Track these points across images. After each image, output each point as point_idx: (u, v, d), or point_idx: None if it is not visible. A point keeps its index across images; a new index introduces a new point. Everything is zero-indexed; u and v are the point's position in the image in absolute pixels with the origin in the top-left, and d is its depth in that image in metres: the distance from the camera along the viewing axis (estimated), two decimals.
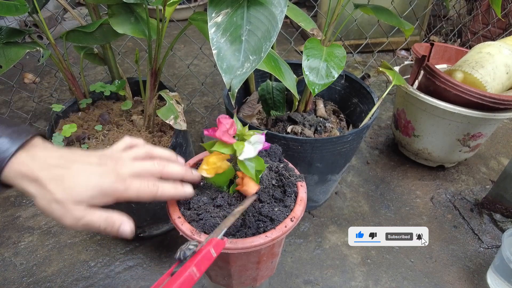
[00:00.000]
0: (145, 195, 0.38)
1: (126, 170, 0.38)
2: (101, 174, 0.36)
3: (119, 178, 0.37)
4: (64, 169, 0.35)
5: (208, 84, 1.50)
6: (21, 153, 0.34)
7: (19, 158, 0.34)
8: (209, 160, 0.43)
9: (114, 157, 0.40)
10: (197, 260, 0.32)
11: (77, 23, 0.76)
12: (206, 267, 0.33)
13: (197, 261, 0.32)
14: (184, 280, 0.30)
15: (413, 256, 0.81)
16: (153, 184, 0.39)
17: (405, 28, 0.76)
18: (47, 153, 0.36)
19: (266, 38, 0.42)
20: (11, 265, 0.77)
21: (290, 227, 0.44)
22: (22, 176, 0.34)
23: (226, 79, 0.41)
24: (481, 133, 0.92)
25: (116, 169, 0.38)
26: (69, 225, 0.35)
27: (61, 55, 0.71)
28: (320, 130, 0.81)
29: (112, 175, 0.37)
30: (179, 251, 0.33)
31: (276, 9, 0.43)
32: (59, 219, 0.34)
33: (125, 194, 0.37)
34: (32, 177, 0.34)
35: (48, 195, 0.34)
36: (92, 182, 0.35)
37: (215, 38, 0.42)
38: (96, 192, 0.35)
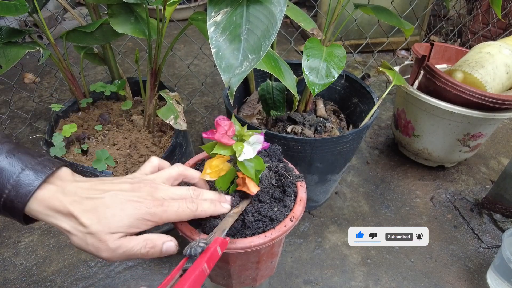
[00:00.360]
0: (185, 214, 0.37)
1: (161, 194, 0.37)
2: (136, 201, 0.35)
3: (156, 202, 0.35)
4: (97, 199, 0.33)
5: (208, 84, 1.50)
6: (47, 186, 0.33)
7: (46, 191, 0.32)
8: (212, 164, 0.43)
9: (147, 180, 0.38)
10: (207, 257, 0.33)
11: (77, 23, 0.76)
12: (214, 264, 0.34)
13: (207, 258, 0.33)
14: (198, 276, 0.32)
15: (413, 256, 0.81)
16: (191, 202, 0.38)
17: (405, 28, 0.76)
18: (78, 185, 0.34)
19: (265, 37, 0.42)
20: (11, 265, 0.77)
21: (289, 227, 0.44)
22: (53, 211, 0.32)
23: (225, 77, 0.41)
24: (481, 133, 0.92)
25: (151, 193, 0.36)
26: (107, 258, 0.33)
27: (61, 55, 0.71)
28: (320, 130, 0.81)
29: (148, 200, 0.35)
30: (189, 248, 0.33)
31: (276, 8, 0.43)
32: (95, 253, 0.33)
33: (164, 217, 0.36)
34: (64, 212, 0.32)
35: (82, 229, 0.32)
36: (129, 210, 0.34)
37: (214, 37, 0.42)
38: (133, 220, 0.34)
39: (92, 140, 0.74)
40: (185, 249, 0.34)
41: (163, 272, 0.76)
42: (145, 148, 0.73)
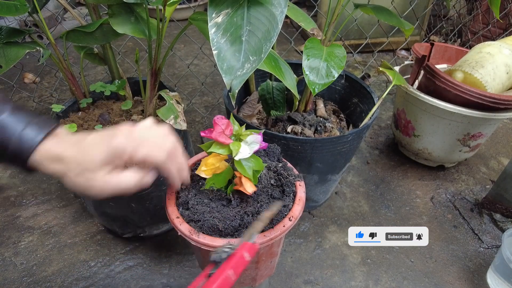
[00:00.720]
0: (153, 160, 0.39)
1: (138, 134, 0.39)
2: (112, 136, 0.38)
3: (130, 138, 0.38)
4: (82, 141, 0.37)
5: (208, 84, 1.50)
6: (48, 140, 0.37)
7: (47, 144, 0.36)
8: (207, 162, 0.44)
9: (129, 125, 0.41)
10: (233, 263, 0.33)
11: (77, 23, 0.76)
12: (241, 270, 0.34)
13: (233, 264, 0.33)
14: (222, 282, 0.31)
15: (413, 256, 0.81)
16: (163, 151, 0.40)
17: (405, 28, 0.76)
18: (72, 136, 0.39)
19: (266, 38, 0.42)
20: (11, 265, 0.77)
21: (288, 226, 0.44)
22: (50, 159, 0.36)
23: (227, 79, 0.41)
24: (481, 133, 0.92)
25: (130, 132, 0.39)
26: (98, 194, 0.37)
27: (61, 55, 0.71)
28: (320, 130, 0.81)
29: (123, 136, 0.38)
30: (214, 253, 0.34)
31: (276, 9, 0.43)
32: (87, 191, 0.37)
33: (134, 156, 0.38)
34: (59, 158, 0.36)
35: (72, 171, 0.36)
36: (104, 145, 0.37)
37: (216, 39, 0.42)
38: (107, 153, 0.36)
39: None
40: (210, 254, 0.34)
41: (163, 272, 0.76)
42: None
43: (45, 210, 0.91)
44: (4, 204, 0.92)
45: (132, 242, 0.82)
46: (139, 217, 0.74)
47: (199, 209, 0.44)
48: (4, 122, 0.35)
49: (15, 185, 0.98)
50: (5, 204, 0.92)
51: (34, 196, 0.95)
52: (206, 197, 0.46)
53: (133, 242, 0.82)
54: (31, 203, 0.93)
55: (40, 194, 0.96)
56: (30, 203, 0.93)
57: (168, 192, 0.48)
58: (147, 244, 0.82)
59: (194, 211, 0.44)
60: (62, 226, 0.86)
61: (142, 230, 0.79)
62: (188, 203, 0.45)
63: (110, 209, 0.73)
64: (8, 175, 1.01)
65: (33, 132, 0.36)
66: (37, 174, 1.01)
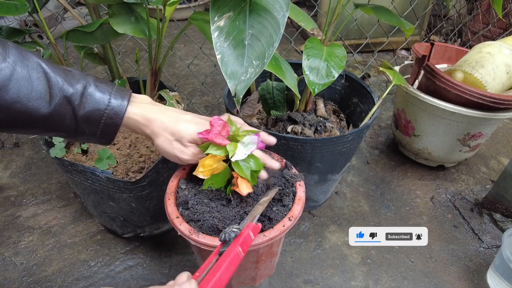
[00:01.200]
0: None
1: None
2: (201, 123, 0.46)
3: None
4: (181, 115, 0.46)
5: (208, 84, 1.50)
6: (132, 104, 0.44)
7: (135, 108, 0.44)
8: (205, 163, 0.44)
9: None
10: (241, 241, 0.37)
11: (77, 23, 0.76)
12: (248, 247, 0.38)
13: (241, 242, 0.37)
14: (233, 259, 0.35)
15: (413, 256, 0.81)
16: None
17: (405, 28, 0.76)
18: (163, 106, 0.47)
19: (269, 43, 0.42)
20: (11, 265, 0.77)
21: (288, 226, 0.44)
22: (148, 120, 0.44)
23: (231, 85, 0.41)
24: (481, 133, 0.92)
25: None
26: (186, 160, 0.45)
27: (61, 54, 0.71)
28: (320, 129, 0.81)
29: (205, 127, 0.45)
30: (223, 234, 0.37)
31: (278, 13, 0.43)
32: (179, 155, 0.45)
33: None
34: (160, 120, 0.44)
35: (170, 136, 0.44)
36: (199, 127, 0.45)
37: (219, 43, 0.41)
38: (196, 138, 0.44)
39: None
40: (220, 235, 0.38)
41: (163, 271, 0.76)
42: (145, 147, 0.73)
43: (45, 210, 0.91)
44: (4, 204, 0.92)
45: (132, 242, 0.82)
46: (139, 217, 0.74)
47: (199, 209, 0.44)
48: (94, 94, 0.41)
49: (15, 185, 0.98)
50: (5, 204, 0.92)
51: (34, 196, 0.95)
52: (206, 197, 0.46)
53: (133, 242, 0.82)
54: (31, 203, 0.93)
55: (40, 194, 0.96)
56: (30, 203, 0.93)
57: (168, 192, 0.48)
58: (147, 244, 0.82)
59: (193, 211, 0.44)
60: (62, 226, 0.87)
61: (142, 230, 0.79)
62: (188, 203, 0.45)
63: (110, 209, 0.73)
64: (8, 175, 1.01)
65: (118, 100, 0.42)
66: (37, 174, 1.01)
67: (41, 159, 1.07)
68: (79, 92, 0.40)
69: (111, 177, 0.63)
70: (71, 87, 0.40)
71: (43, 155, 1.09)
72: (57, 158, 0.65)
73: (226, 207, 0.45)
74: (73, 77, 0.41)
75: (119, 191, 0.66)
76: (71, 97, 0.40)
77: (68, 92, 0.40)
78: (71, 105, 0.40)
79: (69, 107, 0.40)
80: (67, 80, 0.40)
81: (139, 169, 0.68)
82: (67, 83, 0.40)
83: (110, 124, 0.42)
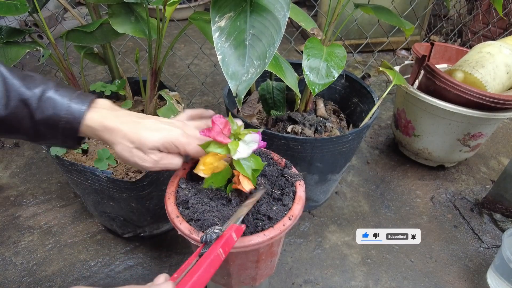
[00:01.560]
0: (198, 155, 0.46)
1: (189, 131, 0.46)
2: (169, 128, 0.45)
3: (184, 134, 0.45)
4: (140, 123, 0.44)
5: (208, 84, 1.50)
6: (93, 110, 0.43)
7: (95, 113, 0.42)
8: (206, 161, 0.44)
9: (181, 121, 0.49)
10: (222, 242, 0.36)
11: (77, 23, 0.76)
12: (229, 249, 0.37)
13: (222, 243, 0.36)
14: (213, 260, 0.35)
15: (413, 256, 0.81)
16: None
17: (405, 28, 0.76)
18: (123, 112, 0.45)
19: (270, 43, 0.42)
20: (11, 265, 0.77)
21: (288, 225, 0.44)
22: (106, 127, 0.42)
23: (232, 85, 0.41)
24: (481, 132, 0.92)
25: (182, 128, 0.46)
26: (148, 167, 0.44)
27: (61, 54, 0.71)
28: (320, 129, 0.81)
29: (179, 131, 0.45)
30: (205, 235, 0.37)
31: (279, 13, 0.43)
32: (140, 163, 0.44)
33: (187, 148, 0.45)
34: (115, 129, 0.43)
35: (129, 144, 0.43)
36: (164, 133, 0.44)
37: (220, 43, 0.41)
38: (165, 142, 0.44)
39: (92, 140, 0.74)
40: (201, 236, 0.37)
41: (163, 271, 0.76)
42: None
43: (45, 209, 0.91)
44: (4, 204, 0.92)
45: (132, 241, 0.82)
46: (139, 217, 0.74)
47: (199, 208, 0.44)
48: (54, 98, 0.41)
49: (15, 185, 0.98)
50: (5, 204, 0.92)
51: (34, 196, 0.95)
52: (206, 196, 0.46)
53: (133, 241, 0.82)
54: (31, 203, 0.93)
55: (40, 194, 0.96)
56: (30, 203, 0.93)
57: (168, 191, 0.48)
58: (147, 244, 0.82)
59: (194, 210, 0.44)
60: (62, 226, 0.87)
61: (142, 230, 0.79)
62: (188, 202, 0.45)
63: (110, 209, 0.73)
64: (8, 175, 1.01)
65: (77, 104, 0.42)
66: (37, 174, 1.01)
67: (41, 159, 1.08)
68: (37, 95, 0.40)
69: (111, 177, 0.63)
70: (28, 91, 0.40)
71: (43, 155, 1.09)
72: (57, 157, 0.65)
73: (226, 207, 0.45)
74: (33, 81, 0.41)
75: (119, 191, 0.66)
76: (28, 101, 0.40)
77: (25, 95, 0.40)
78: (28, 109, 0.40)
79: (26, 110, 0.40)
80: (25, 84, 0.40)
81: (139, 169, 0.69)
82: (25, 86, 0.40)
83: (69, 128, 0.42)
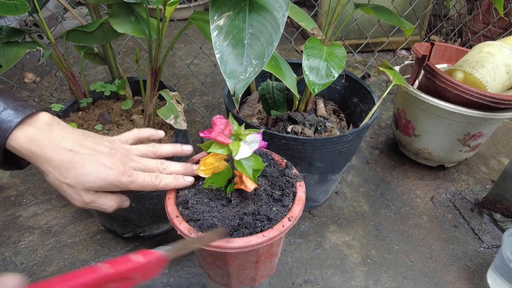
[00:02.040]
0: (148, 187, 0.42)
1: (132, 164, 0.41)
2: (110, 166, 0.39)
3: (125, 172, 0.40)
4: (77, 154, 0.37)
5: (209, 84, 1.50)
6: (28, 128, 0.36)
7: (28, 132, 0.36)
8: (206, 161, 0.44)
9: (123, 150, 0.43)
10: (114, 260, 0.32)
11: (77, 23, 0.76)
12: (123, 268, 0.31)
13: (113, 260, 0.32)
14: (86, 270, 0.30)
15: (413, 256, 0.81)
16: (155, 177, 0.42)
17: (405, 28, 0.76)
18: (61, 134, 0.38)
19: (268, 42, 0.42)
20: (11, 265, 0.77)
21: (287, 226, 0.44)
22: (35, 154, 0.36)
23: (230, 84, 0.41)
24: (482, 132, 0.92)
25: (123, 162, 0.40)
26: (78, 206, 0.40)
27: (61, 54, 0.71)
28: (320, 129, 0.81)
29: (120, 169, 0.39)
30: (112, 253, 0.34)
31: (278, 12, 0.43)
32: (69, 200, 0.39)
33: (130, 186, 0.40)
34: (47, 158, 0.36)
35: (60, 177, 0.37)
36: (102, 174, 0.38)
37: (218, 42, 0.42)
38: (104, 183, 0.38)
39: None
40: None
41: (163, 271, 0.76)
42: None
43: (45, 209, 0.91)
44: (4, 204, 0.92)
45: (132, 241, 0.82)
46: (139, 217, 0.74)
47: (199, 209, 0.44)
48: None
49: (15, 184, 0.98)
50: (5, 204, 0.92)
51: (34, 195, 0.95)
52: (206, 196, 0.46)
53: (133, 241, 0.82)
54: (31, 203, 0.93)
55: (40, 193, 0.96)
56: (30, 202, 0.93)
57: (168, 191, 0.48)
58: (147, 244, 0.82)
59: (193, 210, 0.44)
60: (62, 226, 0.87)
61: (142, 230, 0.80)
62: (188, 203, 0.45)
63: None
64: (8, 175, 1.01)
65: (9, 116, 0.35)
66: (37, 174, 1.01)
67: None
68: None
69: None
70: None
71: None
72: None
73: (226, 207, 0.45)
74: None
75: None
76: None
77: None
78: None
79: None
80: None
81: None
82: None
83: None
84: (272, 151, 0.57)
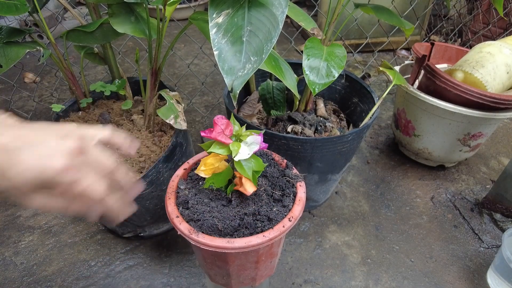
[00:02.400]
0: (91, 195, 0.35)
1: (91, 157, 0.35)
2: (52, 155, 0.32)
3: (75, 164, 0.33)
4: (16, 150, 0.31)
5: (208, 84, 1.50)
6: None
7: None
8: (207, 161, 0.44)
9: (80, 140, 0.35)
10: None
11: (78, 23, 0.76)
12: None
13: None
14: None
15: (413, 256, 0.81)
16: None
17: (405, 28, 0.76)
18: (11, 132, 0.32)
19: (267, 39, 0.42)
20: (11, 265, 0.77)
21: (288, 227, 0.44)
22: None
23: (228, 80, 0.41)
24: (482, 132, 0.92)
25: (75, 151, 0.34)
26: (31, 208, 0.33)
27: (61, 54, 0.71)
28: (320, 129, 0.81)
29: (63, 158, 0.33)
30: None
31: (277, 10, 0.43)
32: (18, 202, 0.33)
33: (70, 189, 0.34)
34: None
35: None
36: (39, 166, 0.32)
37: (216, 39, 0.41)
38: (42, 179, 0.32)
39: None
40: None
41: (163, 271, 0.76)
42: (145, 147, 0.73)
43: None
44: (4, 204, 0.92)
45: (132, 241, 0.82)
46: (139, 217, 0.74)
47: (199, 209, 0.44)
48: None
49: None
50: (5, 204, 0.92)
51: None
52: (206, 196, 0.46)
53: (133, 241, 0.82)
54: None
55: None
56: None
57: (168, 192, 0.48)
58: (147, 244, 0.82)
59: (194, 211, 0.44)
60: (62, 226, 0.87)
61: (142, 230, 0.80)
62: (188, 203, 0.45)
63: None
64: None
65: None
66: None
67: None
68: None
69: None
70: None
71: None
72: None
73: (226, 207, 0.45)
74: None
75: None
76: None
77: None
78: None
79: None
80: None
81: (139, 169, 0.69)
82: None
83: None
84: (272, 151, 0.57)
